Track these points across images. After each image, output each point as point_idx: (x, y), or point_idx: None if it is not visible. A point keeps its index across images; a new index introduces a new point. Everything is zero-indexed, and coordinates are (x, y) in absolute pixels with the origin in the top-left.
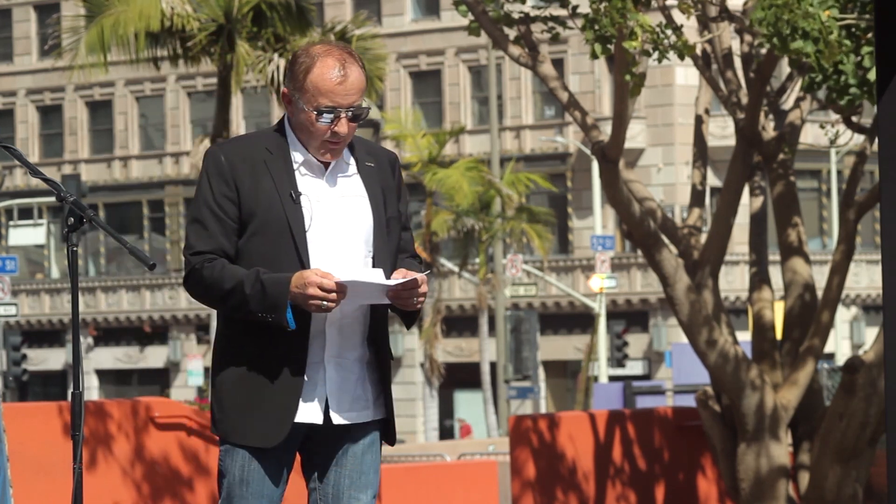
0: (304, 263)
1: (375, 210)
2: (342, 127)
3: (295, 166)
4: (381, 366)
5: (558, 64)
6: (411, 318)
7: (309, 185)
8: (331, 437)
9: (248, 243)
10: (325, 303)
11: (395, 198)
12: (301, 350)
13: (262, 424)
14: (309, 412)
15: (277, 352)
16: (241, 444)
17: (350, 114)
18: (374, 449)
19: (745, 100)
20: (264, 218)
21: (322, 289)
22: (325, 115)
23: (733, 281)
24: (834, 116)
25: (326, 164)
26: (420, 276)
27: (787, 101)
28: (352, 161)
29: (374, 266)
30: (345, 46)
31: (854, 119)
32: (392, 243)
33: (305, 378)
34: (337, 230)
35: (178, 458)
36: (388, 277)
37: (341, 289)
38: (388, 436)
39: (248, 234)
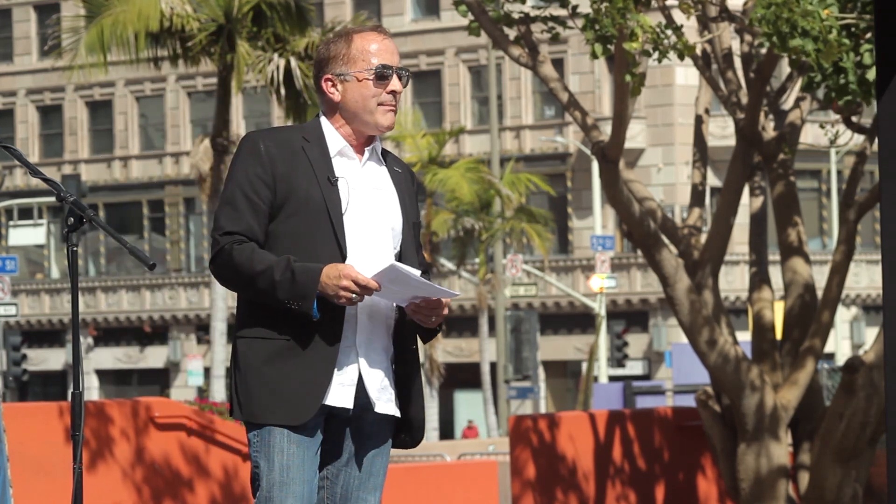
0: (341, 245)
1: (404, 209)
2: (396, 84)
3: (331, 154)
4: (406, 366)
5: (558, 64)
6: (430, 334)
7: (345, 172)
8: (350, 426)
9: (284, 225)
10: (354, 296)
11: (416, 208)
12: (336, 331)
13: (293, 402)
14: (340, 396)
15: (311, 333)
16: (269, 423)
17: (399, 74)
18: (385, 451)
19: (745, 100)
20: (301, 200)
21: (357, 283)
22: (381, 72)
23: (733, 281)
24: (834, 116)
25: (361, 156)
26: (446, 299)
27: (787, 101)
28: (382, 160)
29: (400, 262)
30: None
31: (854, 119)
32: (415, 245)
33: (338, 358)
34: (371, 217)
35: (178, 458)
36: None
37: (373, 285)
38: (410, 437)
39: (283, 216)
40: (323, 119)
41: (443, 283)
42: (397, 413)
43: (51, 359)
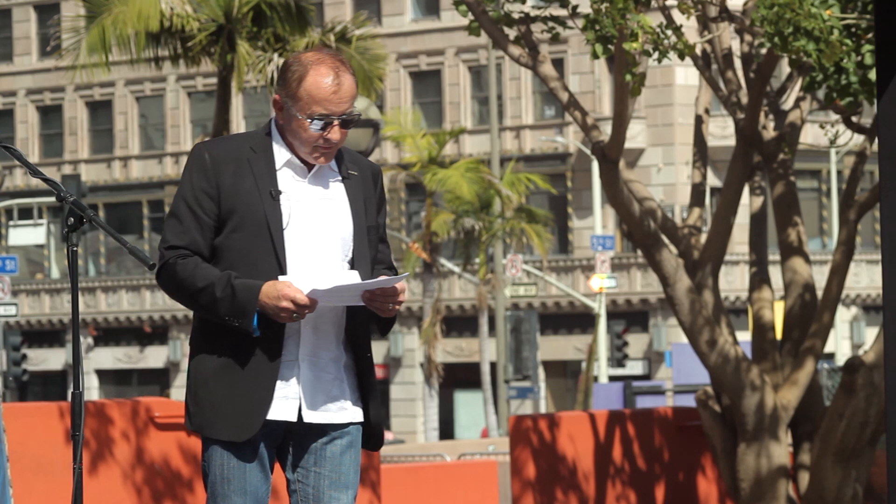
0: (280, 261)
1: (356, 216)
2: (335, 134)
3: (278, 166)
4: (361, 370)
5: (558, 64)
6: (387, 325)
7: (290, 185)
8: (307, 436)
9: (227, 239)
10: (295, 314)
11: (375, 209)
12: (276, 348)
13: (235, 419)
14: (283, 410)
15: (253, 349)
16: (215, 439)
17: (342, 120)
18: (353, 450)
19: (745, 100)
20: (243, 214)
21: (295, 303)
22: (318, 122)
23: (733, 281)
24: (834, 116)
25: (310, 167)
26: (400, 283)
27: (787, 101)
28: (336, 167)
29: (353, 269)
30: (337, 54)
31: (854, 119)
32: (371, 251)
33: (279, 375)
34: (315, 230)
35: (178, 458)
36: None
37: (314, 302)
38: (371, 442)
39: (227, 231)
40: (274, 129)
41: (443, 283)
42: (347, 420)
43: (51, 359)
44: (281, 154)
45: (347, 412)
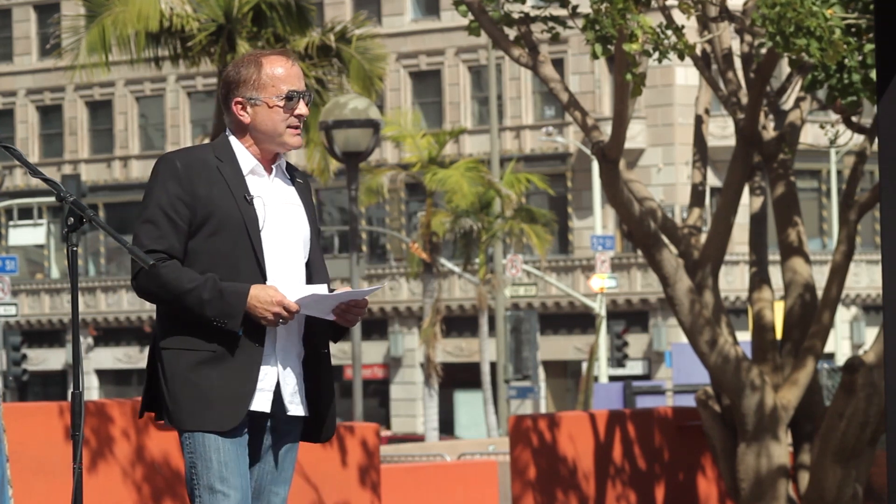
0: (260, 262)
1: (310, 220)
2: (303, 109)
3: (244, 172)
4: (320, 368)
5: (558, 64)
6: (342, 333)
7: (259, 190)
8: (263, 430)
9: (205, 243)
10: (281, 320)
11: (315, 215)
12: (259, 342)
13: (220, 409)
14: (259, 400)
15: (235, 343)
16: (200, 430)
17: (306, 97)
18: (295, 448)
19: (745, 100)
20: (221, 218)
21: (287, 310)
22: (290, 98)
23: (733, 281)
24: (834, 116)
25: (269, 172)
26: (366, 298)
27: (787, 101)
28: (288, 175)
29: (308, 271)
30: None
31: (854, 119)
32: (321, 252)
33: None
34: (286, 231)
35: (178, 458)
36: (329, 289)
37: (298, 309)
38: (323, 434)
39: (204, 235)
40: (232, 138)
41: (443, 283)
42: (303, 413)
43: (51, 359)
44: (245, 161)
45: (303, 406)
